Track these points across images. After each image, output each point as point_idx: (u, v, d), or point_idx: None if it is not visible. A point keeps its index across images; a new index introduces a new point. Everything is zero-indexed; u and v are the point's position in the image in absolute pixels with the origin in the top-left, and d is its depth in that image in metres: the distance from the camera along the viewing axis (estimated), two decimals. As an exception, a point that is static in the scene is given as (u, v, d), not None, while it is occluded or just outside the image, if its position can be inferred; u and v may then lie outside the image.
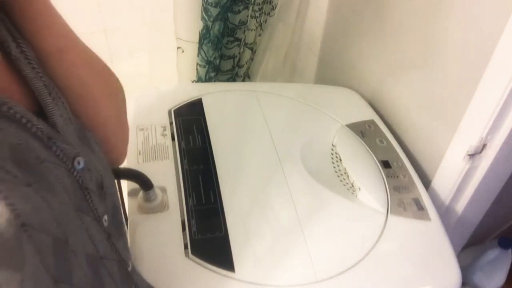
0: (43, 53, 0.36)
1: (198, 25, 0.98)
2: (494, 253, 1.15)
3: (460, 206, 0.83)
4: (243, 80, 1.19)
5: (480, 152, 0.74)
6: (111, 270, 0.40)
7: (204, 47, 1.00)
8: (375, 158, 0.81)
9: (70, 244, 0.33)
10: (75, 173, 0.35)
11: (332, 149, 0.83)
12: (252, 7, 1.03)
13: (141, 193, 0.65)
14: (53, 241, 0.32)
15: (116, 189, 0.45)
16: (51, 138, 0.33)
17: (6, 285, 0.27)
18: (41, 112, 0.35)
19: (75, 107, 0.40)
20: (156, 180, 0.65)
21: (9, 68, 0.34)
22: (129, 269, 0.45)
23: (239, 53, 1.10)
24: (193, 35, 1.01)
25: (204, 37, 0.99)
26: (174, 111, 0.85)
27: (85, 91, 0.41)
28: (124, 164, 0.76)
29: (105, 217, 0.40)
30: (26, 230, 0.29)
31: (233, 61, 1.10)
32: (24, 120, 0.31)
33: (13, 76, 0.34)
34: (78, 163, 0.36)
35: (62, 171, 0.34)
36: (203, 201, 0.68)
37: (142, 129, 0.80)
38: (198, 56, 1.03)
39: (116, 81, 0.46)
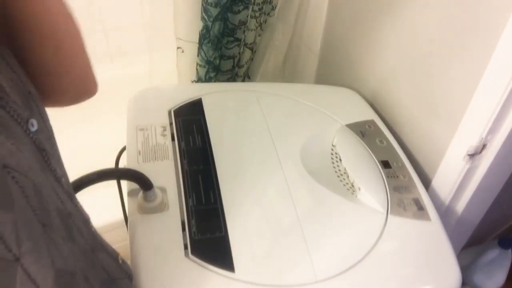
0: None
1: (198, 25, 0.98)
2: (494, 253, 1.15)
3: (460, 206, 0.83)
4: (243, 80, 1.19)
5: (480, 152, 0.74)
6: (79, 226, 0.41)
7: (204, 47, 1.01)
8: (375, 158, 0.81)
9: (43, 193, 0.34)
10: (30, 135, 0.35)
11: (332, 149, 0.83)
12: (252, 7, 1.03)
13: (141, 193, 0.65)
14: (33, 186, 0.32)
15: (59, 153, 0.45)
16: (3, 98, 0.33)
17: (2, 225, 0.28)
18: None
19: (55, 23, 0.38)
20: (156, 180, 0.65)
21: None
22: (92, 229, 0.46)
23: (239, 53, 1.10)
24: (193, 35, 1.01)
25: (204, 37, 0.99)
26: (174, 111, 0.85)
27: (48, 37, 0.39)
28: (124, 164, 0.76)
29: (63, 179, 0.40)
30: (9, 172, 0.29)
31: (233, 61, 1.10)
32: None
33: None
34: (32, 125, 0.35)
35: (20, 130, 0.33)
36: (203, 201, 0.68)
37: (142, 129, 0.80)
38: (198, 56, 1.03)
39: (77, 25, 0.44)
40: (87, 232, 0.43)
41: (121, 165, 0.82)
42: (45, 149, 0.37)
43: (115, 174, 0.68)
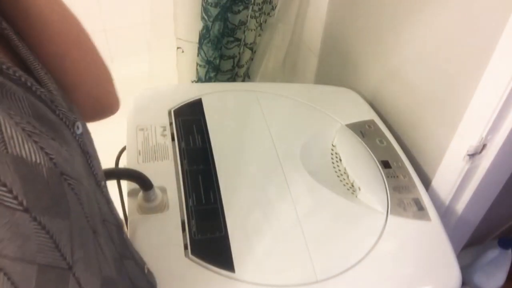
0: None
1: (198, 25, 0.98)
2: (494, 253, 1.15)
3: (460, 206, 0.83)
4: (243, 80, 1.19)
5: (480, 152, 0.74)
6: (111, 234, 0.41)
7: (204, 47, 1.01)
8: (375, 158, 0.81)
9: (91, 198, 0.34)
10: (77, 138, 0.35)
11: (332, 149, 0.83)
12: (252, 7, 1.03)
13: (141, 193, 0.65)
14: (86, 192, 0.32)
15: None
16: (53, 102, 0.33)
17: (59, 234, 0.28)
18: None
19: (63, 49, 0.38)
20: (156, 180, 0.65)
21: None
22: (124, 235, 0.46)
23: (239, 53, 1.10)
24: (193, 35, 1.01)
25: (204, 37, 0.99)
26: (174, 111, 0.85)
27: (70, 29, 0.39)
28: (124, 164, 0.76)
29: (103, 182, 0.40)
30: (65, 179, 0.29)
31: (233, 61, 1.10)
32: (29, 83, 0.31)
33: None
34: (78, 127, 0.35)
35: (69, 134, 0.34)
36: (203, 201, 0.68)
37: (142, 129, 0.80)
38: (198, 56, 1.03)
39: (82, 26, 0.43)
40: (118, 238, 0.43)
41: (121, 165, 0.82)
42: (88, 152, 0.37)
43: (115, 174, 0.68)
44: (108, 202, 0.41)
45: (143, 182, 0.63)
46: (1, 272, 0.24)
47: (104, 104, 0.45)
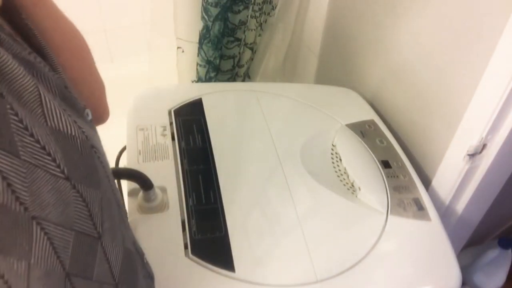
0: (23, 6, 0.35)
1: (198, 25, 0.98)
2: (494, 253, 1.15)
3: (460, 206, 0.83)
4: (243, 80, 1.19)
5: (480, 152, 0.74)
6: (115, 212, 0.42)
7: (204, 47, 1.01)
8: (375, 158, 0.81)
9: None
10: (89, 123, 0.36)
11: (332, 149, 0.83)
12: (252, 7, 1.03)
13: (141, 193, 0.65)
14: (108, 166, 0.34)
15: None
16: (67, 87, 0.34)
17: (92, 203, 0.30)
18: None
19: (61, 60, 0.39)
20: (156, 180, 0.65)
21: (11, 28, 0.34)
22: (127, 223, 0.47)
23: (239, 53, 1.10)
24: (193, 35, 1.01)
25: (204, 37, 0.99)
26: (174, 111, 0.85)
27: (69, 42, 0.40)
28: (124, 164, 0.76)
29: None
30: (95, 151, 0.31)
31: (233, 61, 1.10)
32: (47, 69, 0.32)
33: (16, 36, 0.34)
34: (87, 114, 0.36)
35: (83, 117, 0.35)
36: (203, 201, 0.68)
37: (142, 129, 0.80)
38: (198, 56, 1.03)
39: (81, 36, 0.44)
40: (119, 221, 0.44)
41: (121, 165, 0.82)
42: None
43: (115, 174, 0.68)
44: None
45: (143, 182, 0.63)
46: (46, 236, 0.25)
47: (96, 114, 0.46)
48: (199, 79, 1.07)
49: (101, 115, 0.47)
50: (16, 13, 0.34)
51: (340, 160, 0.81)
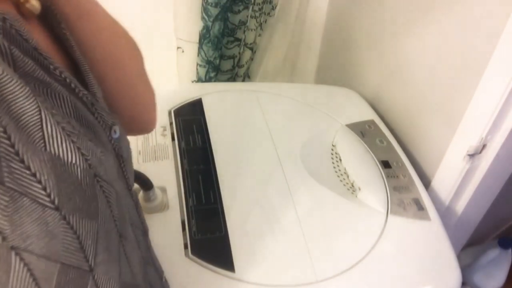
0: (67, 18, 0.36)
1: (198, 25, 0.98)
2: (494, 253, 1.15)
3: (460, 206, 0.83)
4: (243, 80, 1.19)
5: (480, 152, 0.74)
6: (138, 238, 0.41)
7: (204, 47, 1.00)
8: (375, 158, 0.81)
9: (122, 203, 0.34)
10: (112, 141, 0.35)
11: (332, 149, 0.83)
12: (252, 7, 1.03)
13: (141, 193, 0.65)
14: (116, 195, 0.33)
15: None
16: (94, 105, 0.33)
17: (85, 234, 0.28)
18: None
19: (100, 72, 0.39)
20: (156, 180, 0.65)
21: (49, 37, 0.34)
22: (148, 242, 0.46)
23: (239, 53, 1.10)
24: (193, 35, 1.01)
25: (204, 37, 0.99)
26: (174, 111, 0.85)
27: (110, 55, 0.40)
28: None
29: (132, 187, 0.41)
30: (98, 180, 0.30)
31: (233, 61, 1.10)
32: (73, 85, 0.31)
33: (53, 45, 0.34)
34: (115, 132, 0.36)
35: (105, 136, 0.34)
36: (203, 201, 0.68)
37: (142, 129, 0.80)
38: (198, 56, 1.03)
39: (136, 44, 0.45)
40: (143, 243, 0.43)
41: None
42: (122, 156, 0.37)
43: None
44: (137, 206, 0.41)
45: (143, 182, 0.63)
46: (26, 267, 0.24)
47: (139, 125, 0.46)
48: (199, 79, 1.07)
49: (146, 126, 0.47)
50: (56, 22, 0.34)
51: (340, 160, 0.81)
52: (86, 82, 0.34)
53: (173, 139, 0.79)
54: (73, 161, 0.27)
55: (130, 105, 0.44)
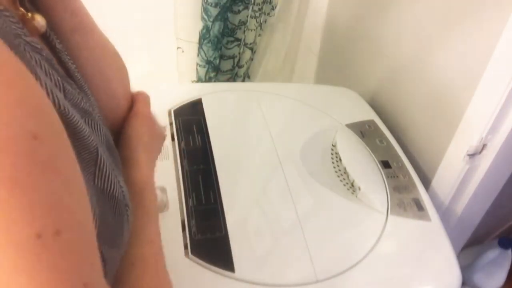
0: (63, 32, 0.36)
1: (198, 25, 0.98)
2: (494, 253, 1.15)
3: (460, 206, 0.83)
4: (243, 80, 1.19)
5: (480, 152, 0.74)
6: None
7: (204, 47, 1.00)
8: (375, 158, 0.81)
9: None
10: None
11: (332, 149, 0.83)
12: (252, 7, 1.03)
13: (141, 193, 0.65)
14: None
15: None
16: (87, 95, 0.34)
17: (110, 263, 0.30)
18: None
19: (91, 89, 0.39)
20: (156, 180, 0.65)
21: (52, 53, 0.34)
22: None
23: (239, 53, 1.10)
24: (193, 35, 1.01)
25: (204, 37, 0.99)
26: (174, 111, 0.85)
27: (100, 73, 0.40)
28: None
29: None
30: (127, 209, 0.33)
31: (233, 61, 1.10)
32: (97, 116, 0.33)
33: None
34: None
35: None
36: (203, 201, 0.68)
37: (142, 129, 0.80)
38: (198, 56, 1.03)
39: (124, 65, 0.46)
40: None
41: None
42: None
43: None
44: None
45: (143, 182, 0.63)
46: None
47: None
48: (199, 79, 1.07)
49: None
50: (53, 40, 0.34)
51: (340, 160, 0.81)
52: (79, 86, 0.35)
53: (173, 139, 0.79)
54: (114, 193, 0.30)
55: (111, 120, 0.44)
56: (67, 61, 0.34)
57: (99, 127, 0.32)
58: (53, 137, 0.22)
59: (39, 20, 0.31)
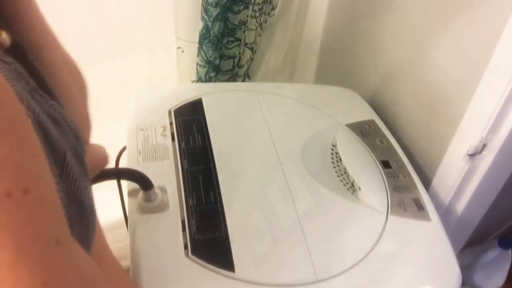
0: (30, 47, 0.36)
1: (198, 25, 0.98)
2: (494, 253, 1.15)
3: (460, 206, 0.83)
4: (243, 80, 1.19)
5: (480, 152, 0.74)
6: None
7: (204, 47, 1.00)
8: (375, 158, 0.81)
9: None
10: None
11: (332, 149, 0.83)
12: (252, 7, 1.03)
13: (141, 193, 0.65)
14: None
15: None
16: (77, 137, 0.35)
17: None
18: None
19: None
20: (156, 180, 0.65)
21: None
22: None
23: (239, 53, 1.10)
24: (193, 35, 1.01)
25: (204, 37, 0.99)
26: (174, 111, 0.85)
27: (62, 89, 0.40)
28: (124, 164, 0.76)
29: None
30: (94, 216, 0.33)
31: (233, 61, 1.10)
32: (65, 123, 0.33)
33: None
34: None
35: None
36: (203, 201, 0.68)
37: (142, 129, 0.80)
38: (198, 56, 1.03)
39: (84, 79, 0.46)
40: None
41: (121, 165, 0.82)
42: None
43: (115, 174, 0.68)
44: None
45: (143, 182, 0.63)
46: None
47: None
48: (199, 79, 1.07)
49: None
50: (24, 54, 0.34)
51: (340, 160, 0.81)
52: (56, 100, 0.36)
53: (173, 139, 0.79)
54: (81, 199, 0.30)
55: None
56: (40, 73, 0.35)
57: (67, 137, 0.32)
58: (14, 105, 0.23)
59: (5, 37, 0.32)
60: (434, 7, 0.79)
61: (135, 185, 0.65)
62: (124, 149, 0.83)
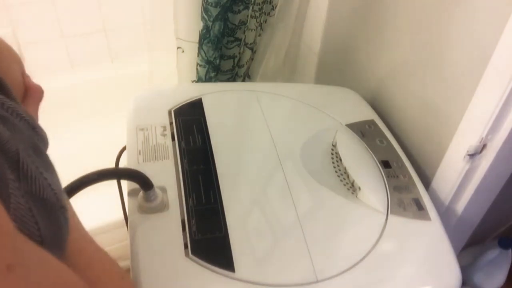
0: None
1: (198, 25, 0.98)
2: (494, 253, 1.15)
3: (460, 206, 0.83)
4: (243, 80, 1.19)
5: (480, 152, 0.74)
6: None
7: (204, 47, 1.00)
8: (375, 158, 0.81)
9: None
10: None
11: (332, 149, 0.83)
12: (252, 7, 1.03)
13: (141, 193, 0.65)
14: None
15: None
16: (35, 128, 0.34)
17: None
18: None
19: None
20: (156, 180, 0.65)
21: None
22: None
23: (239, 53, 1.10)
24: (193, 35, 1.01)
25: (204, 37, 0.99)
26: (174, 111, 0.85)
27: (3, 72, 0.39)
28: (124, 164, 0.76)
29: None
30: (63, 212, 0.32)
31: (233, 61, 1.10)
32: (18, 120, 0.32)
33: None
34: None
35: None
36: (203, 201, 0.68)
37: (142, 129, 0.80)
38: (198, 56, 1.03)
39: (19, 59, 0.44)
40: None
41: (121, 165, 0.82)
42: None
43: (115, 174, 0.68)
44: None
45: (143, 182, 0.63)
46: None
47: None
48: (199, 79, 1.07)
49: None
50: None
51: (340, 160, 0.81)
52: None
53: (173, 139, 0.79)
54: (45, 196, 0.29)
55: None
56: None
57: (21, 132, 0.31)
58: None
59: None
60: (434, 7, 0.79)
61: (135, 185, 0.65)
62: (124, 149, 0.83)
